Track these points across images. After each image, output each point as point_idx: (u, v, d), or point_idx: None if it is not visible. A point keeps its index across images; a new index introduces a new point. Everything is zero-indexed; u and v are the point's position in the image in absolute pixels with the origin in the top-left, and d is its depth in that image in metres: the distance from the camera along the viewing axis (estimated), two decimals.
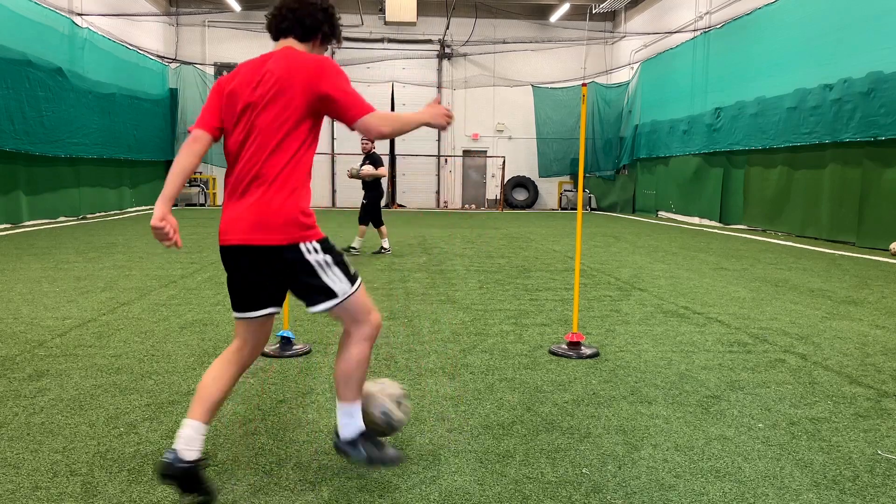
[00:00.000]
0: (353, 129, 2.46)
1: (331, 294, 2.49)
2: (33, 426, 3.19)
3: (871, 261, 10.20)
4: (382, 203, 10.97)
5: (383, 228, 10.36)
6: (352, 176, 10.04)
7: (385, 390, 2.84)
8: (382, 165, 10.09)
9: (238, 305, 2.58)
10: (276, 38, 2.59)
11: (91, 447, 2.96)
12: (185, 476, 2.36)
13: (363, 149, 10.19)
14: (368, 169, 9.92)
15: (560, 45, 25.85)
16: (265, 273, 2.45)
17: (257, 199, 2.38)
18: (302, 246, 2.42)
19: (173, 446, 2.40)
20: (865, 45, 12.24)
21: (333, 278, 2.48)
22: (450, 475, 2.74)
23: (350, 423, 2.63)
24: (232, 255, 2.47)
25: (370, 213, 10.21)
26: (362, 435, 2.63)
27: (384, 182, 10.92)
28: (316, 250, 2.45)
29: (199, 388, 2.52)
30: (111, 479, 2.66)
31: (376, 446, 2.64)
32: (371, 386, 2.84)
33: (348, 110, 2.40)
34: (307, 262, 2.43)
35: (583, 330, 5.29)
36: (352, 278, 2.54)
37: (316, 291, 2.48)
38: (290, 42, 2.56)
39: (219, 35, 24.65)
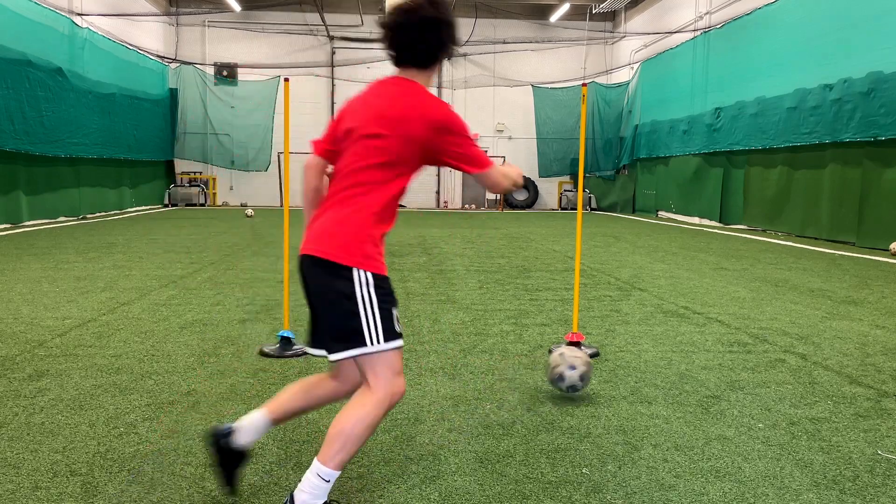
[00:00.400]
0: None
1: (360, 340, 2.21)
2: (33, 426, 3.19)
3: (871, 261, 10.20)
4: None
5: None
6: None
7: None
8: None
9: (310, 337, 2.45)
10: (395, 64, 2.39)
11: (91, 447, 2.96)
12: (225, 453, 2.40)
13: None
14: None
15: (560, 45, 25.85)
16: (312, 288, 2.30)
17: (333, 215, 2.27)
18: (355, 271, 2.21)
19: (237, 423, 2.41)
20: (865, 45, 12.24)
21: (371, 323, 2.22)
22: (450, 475, 2.74)
23: (319, 490, 2.21)
24: (301, 266, 2.34)
25: None
26: None
27: None
28: (368, 282, 2.22)
29: (284, 389, 2.49)
30: (111, 479, 2.66)
31: None
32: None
33: (469, 167, 2.32)
34: (353, 293, 2.20)
35: (583, 330, 5.29)
36: (391, 334, 2.25)
37: (347, 332, 2.22)
38: (410, 72, 2.37)
39: (219, 35, 24.64)
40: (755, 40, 15.81)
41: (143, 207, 21.57)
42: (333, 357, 2.28)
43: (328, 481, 2.22)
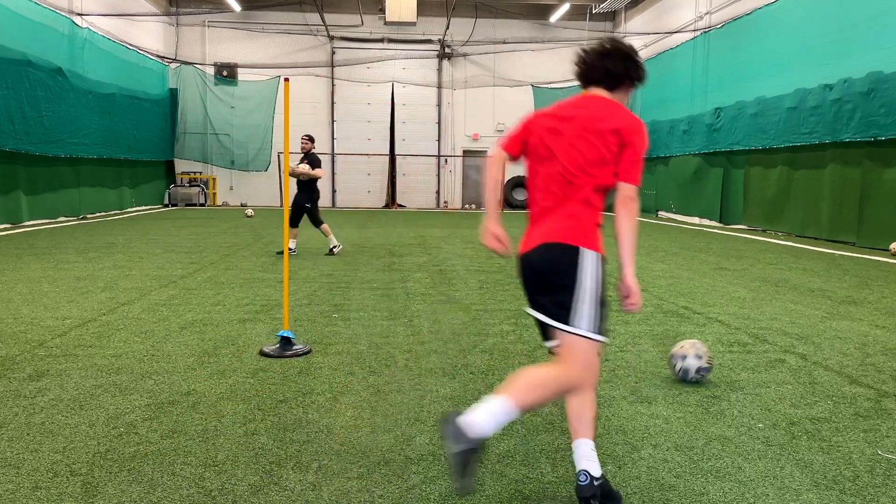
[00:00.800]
0: (616, 185, 2.58)
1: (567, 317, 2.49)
2: (33, 426, 3.19)
3: (871, 261, 10.20)
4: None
5: (325, 227, 10.08)
6: (290, 174, 9.74)
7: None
8: (320, 167, 9.86)
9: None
10: (585, 86, 2.72)
11: (91, 447, 2.96)
12: (604, 495, 2.44)
13: (302, 147, 9.96)
14: (304, 167, 9.70)
15: (560, 45, 25.84)
16: (542, 267, 2.58)
17: (564, 217, 2.57)
18: (585, 252, 2.51)
19: (583, 468, 2.41)
20: (865, 45, 12.24)
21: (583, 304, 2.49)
22: (450, 475, 2.74)
23: (496, 420, 2.34)
24: (528, 258, 2.64)
25: (309, 214, 9.96)
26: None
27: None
28: (595, 261, 2.53)
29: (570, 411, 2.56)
30: (111, 479, 2.66)
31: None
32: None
33: (632, 173, 2.53)
34: (574, 267, 2.50)
35: None
36: (601, 328, 2.53)
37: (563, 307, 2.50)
38: (600, 91, 2.67)
39: (219, 35, 24.64)
40: (755, 40, 15.80)
41: (143, 207, 21.56)
42: (560, 326, 2.51)
43: (507, 418, 2.34)
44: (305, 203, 9.94)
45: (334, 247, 10.07)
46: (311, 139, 10.08)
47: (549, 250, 2.54)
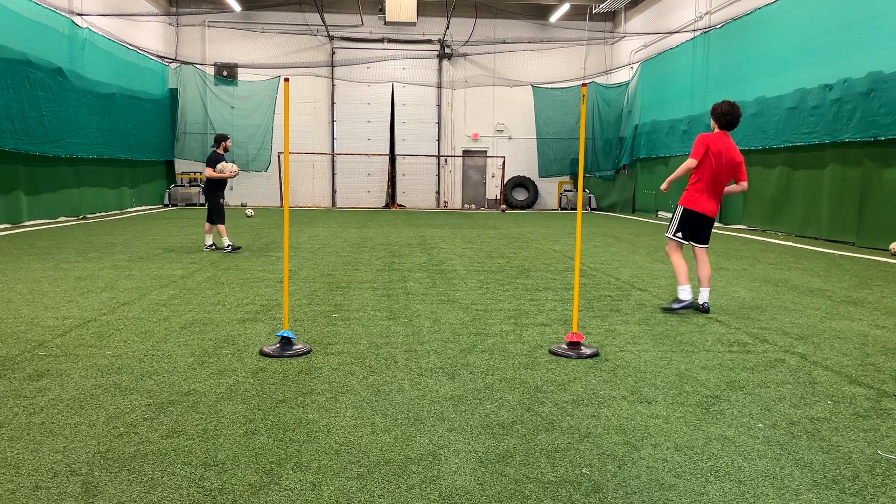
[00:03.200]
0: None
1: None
2: (33, 426, 3.19)
3: (871, 261, 10.20)
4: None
5: (222, 227, 10.39)
6: (226, 174, 10.18)
7: None
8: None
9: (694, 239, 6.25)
10: (729, 129, 6.06)
11: (91, 447, 2.96)
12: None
13: (228, 147, 10.40)
14: (235, 168, 10.20)
15: (560, 45, 25.85)
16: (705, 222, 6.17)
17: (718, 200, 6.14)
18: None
19: (706, 300, 6.12)
20: (865, 45, 12.24)
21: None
22: (450, 475, 2.74)
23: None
24: (699, 216, 6.11)
25: (221, 212, 10.35)
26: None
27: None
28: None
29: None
30: (111, 479, 2.66)
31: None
32: None
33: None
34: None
35: (583, 330, 5.29)
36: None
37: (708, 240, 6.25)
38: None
39: (219, 35, 24.64)
40: (755, 40, 15.80)
41: (143, 207, 21.57)
42: (706, 246, 6.27)
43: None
44: (221, 201, 10.36)
45: (230, 244, 10.25)
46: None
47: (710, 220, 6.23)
